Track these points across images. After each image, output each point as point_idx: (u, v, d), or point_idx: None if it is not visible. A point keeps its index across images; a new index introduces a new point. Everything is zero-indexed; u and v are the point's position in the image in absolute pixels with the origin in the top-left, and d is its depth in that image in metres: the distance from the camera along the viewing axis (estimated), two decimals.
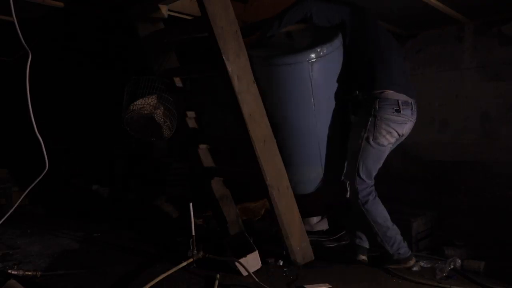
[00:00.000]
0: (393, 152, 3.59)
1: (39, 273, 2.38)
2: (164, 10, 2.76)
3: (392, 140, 2.43)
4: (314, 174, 2.64)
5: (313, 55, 2.35)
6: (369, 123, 2.36)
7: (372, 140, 2.37)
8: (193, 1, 2.80)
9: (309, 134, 2.55)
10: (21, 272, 2.34)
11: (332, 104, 2.53)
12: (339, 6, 2.46)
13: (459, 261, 2.50)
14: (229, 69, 2.28)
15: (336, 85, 2.50)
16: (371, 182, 2.48)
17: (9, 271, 2.33)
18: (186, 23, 2.96)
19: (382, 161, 2.50)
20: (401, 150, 3.55)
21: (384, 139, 2.38)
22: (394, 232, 2.47)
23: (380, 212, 2.46)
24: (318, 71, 2.39)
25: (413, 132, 3.46)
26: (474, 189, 3.17)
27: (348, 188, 2.48)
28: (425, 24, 3.29)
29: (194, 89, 3.23)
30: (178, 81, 2.93)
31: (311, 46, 2.38)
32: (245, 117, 2.36)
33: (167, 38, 2.87)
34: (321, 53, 2.36)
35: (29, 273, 2.37)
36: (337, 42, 2.42)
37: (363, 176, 2.44)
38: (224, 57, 2.26)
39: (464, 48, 3.22)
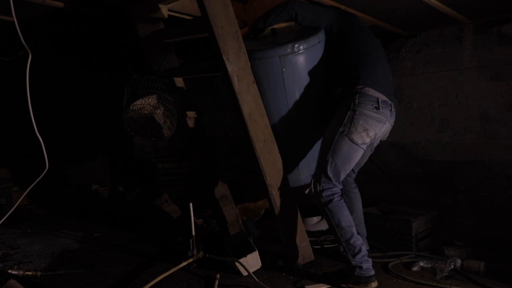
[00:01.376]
0: (393, 152, 3.61)
1: (39, 273, 2.39)
2: (164, 10, 2.76)
3: (367, 140, 2.31)
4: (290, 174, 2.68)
5: (284, 51, 2.42)
6: (346, 117, 2.27)
7: (346, 134, 2.26)
8: (193, 1, 2.81)
9: (282, 128, 2.59)
10: (21, 272, 2.35)
11: (307, 100, 2.57)
12: (325, 9, 2.52)
13: (459, 261, 2.50)
14: (229, 69, 2.28)
15: (312, 81, 2.54)
16: (338, 185, 2.32)
17: (9, 271, 2.33)
18: (186, 23, 2.96)
19: (352, 164, 2.36)
20: (401, 150, 3.56)
21: (359, 137, 2.26)
22: (359, 241, 2.27)
23: (344, 216, 2.28)
24: (291, 67, 2.45)
25: (413, 132, 3.48)
26: (474, 189, 3.17)
27: (312, 185, 2.35)
28: (425, 24, 3.28)
29: (194, 89, 3.23)
30: (179, 81, 2.93)
31: (284, 43, 2.44)
32: (245, 117, 2.36)
33: (167, 38, 2.87)
34: (295, 49, 2.42)
35: (29, 273, 2.37)
36: (313, 41, 2.46)
37: (330, 174, 2.29)
38: (224, 57, 2.26)
39: (464, 48, 3.22)
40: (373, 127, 2.29)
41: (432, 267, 2.50)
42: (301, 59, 2.47)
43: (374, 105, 2.26)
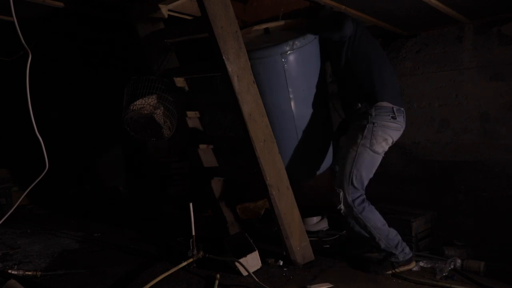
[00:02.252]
0: (393, 152, 3.60)
1: (39, 273, 2.38)
2: (164, 10, 2.76)
3: (386, 148, 2.48)
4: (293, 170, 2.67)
5: (285, 48, 2.44)
6: (366, 129, 2.40)
7: (369, 146, 2.40)
8: (193, 1, 2.81)
9: (287, 125, 2.60)
10: (21, 272, 2.34)
11: (310, 95, 2.60)
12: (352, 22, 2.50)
13: (459, 261, 2.50)
14: (229, 69, 2.28)
15: (313, 76, 2.59)
16: (363, 191, 2.48)
17: (9, 271, 2.33)
18: (186, 23, 2.96)
19: (374, 171, 2.51)
20: (401, 150, 3.56)
21: (380, 147, 2.43)
22: (394, 233, 2.49)
23: (378, 217, 2.47)
24: (292, 63, 2.48)
25: (413, 132, 3.48)
26: (474, 189, 3.17)
27: (341, 199, 2.44)
28: (425, 24, 3.28)
29: (194, 89, 3.23)
30: (179, 81, 2.93)
31: (284, 40, 2.47)
32: (245, 117, 2.36)
33: (167, 38, 2.87)
34: (294, 46, 2.44)
35: (29, 273, 2.37)
36: (310, 37, 2.50)
37: (356, 184, 2.43)
38: (224, 57, 2.26)
39: (464, 48, 3.21)
40: (392, 136, 2.45)
41: (432, 267, 2.50)
42: (302, 55, 2.49)
43: (391, 115, 2.41)
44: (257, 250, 2.50)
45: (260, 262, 2.51)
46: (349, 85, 2.56)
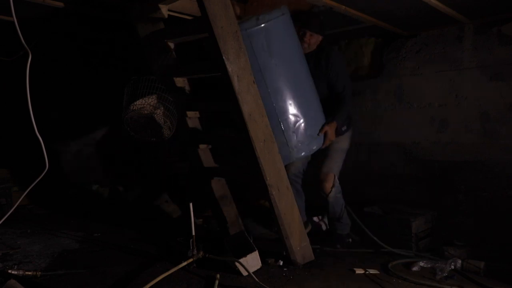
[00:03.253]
0: (393, 152, 3.61)
1: (39, 273, 2.38)
2: (164, 10, 2.76)
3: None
4: (278, 143, 2.60)
5: (248, 24, 2.47)
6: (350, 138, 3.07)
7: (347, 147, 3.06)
8: (193, 1, 2.80)
9: (264, 101, 2.52)
10: (21, 272, 2.34)
11: (284, 71, 2.60)
12: None
13: (459, 261, 2.50)
14: (229, 69, 2.28)
15: (285, 51, 2.61)
16: None
17: (9, 271, 2.32)
18: (186, 23, 2.96)
19: None
20: (401, 150, 3.56)
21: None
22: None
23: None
24: (259, 39, 2.50)
25: (413, 132, 3.48)
26: (474, 189, 3.17)
27: (334, 181, 2.94)
28: (425, 24, 3.28)
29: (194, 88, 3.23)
30: (179, 81, 2.92)
31: (248, 17, 2.50)
32: (245, 117, 2.36)
33: (167, 38, 2.87)
34: (258, 23, 2.48)
35: (29, 273, 2.36)
36: (276, 13, 2.53)
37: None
38: (224, 57, 2.26)
39: (464, 48, 3.21)
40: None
41: (432, 267, 2.50)
42: (268, 31, 2.50)
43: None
44: (257, 250, 2.50)
45: (260, 262, 2.52)
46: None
